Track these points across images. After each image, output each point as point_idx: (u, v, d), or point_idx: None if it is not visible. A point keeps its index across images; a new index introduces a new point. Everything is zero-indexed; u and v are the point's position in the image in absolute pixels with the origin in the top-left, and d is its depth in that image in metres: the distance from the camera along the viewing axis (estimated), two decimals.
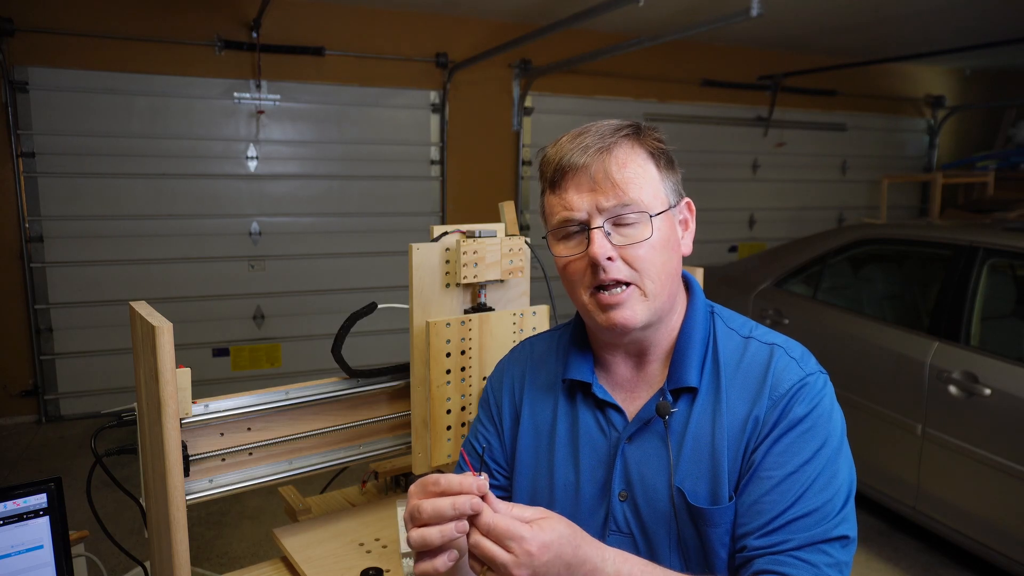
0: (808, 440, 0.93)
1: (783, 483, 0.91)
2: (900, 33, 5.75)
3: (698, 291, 1.07)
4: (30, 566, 1.26)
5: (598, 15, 3.71)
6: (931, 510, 3.00)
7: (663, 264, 0.96)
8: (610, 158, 0.96)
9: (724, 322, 1.05)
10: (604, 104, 5.93)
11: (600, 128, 0.99)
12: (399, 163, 5.39)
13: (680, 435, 0.97)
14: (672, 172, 1.01)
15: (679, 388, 0.99)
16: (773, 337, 1.02)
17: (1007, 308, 3.17)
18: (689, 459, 0.96)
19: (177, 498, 1.26)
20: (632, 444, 1.00)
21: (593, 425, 1.04)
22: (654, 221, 0.95)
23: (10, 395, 4.62)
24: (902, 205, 7.65)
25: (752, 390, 0.96)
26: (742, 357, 1.00)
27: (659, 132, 1.02)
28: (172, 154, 4.76)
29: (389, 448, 1.66)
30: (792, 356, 0.99)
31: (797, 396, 0.94)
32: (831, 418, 0.96)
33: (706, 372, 1.00)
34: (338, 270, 5.29)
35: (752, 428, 0.94)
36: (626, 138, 0.97)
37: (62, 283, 4.62)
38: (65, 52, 4.42)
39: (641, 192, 0.95)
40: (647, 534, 0.98)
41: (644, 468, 0.98)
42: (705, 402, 0.98)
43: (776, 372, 0.96)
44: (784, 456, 0.92)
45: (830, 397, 0.97)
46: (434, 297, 1.54)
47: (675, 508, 0.95)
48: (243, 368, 5.11)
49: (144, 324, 1.25)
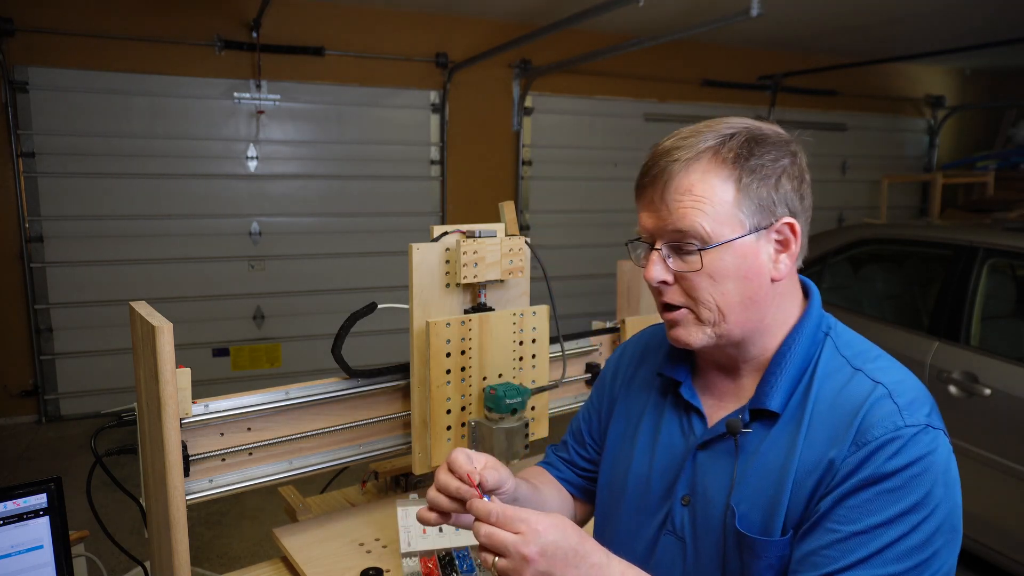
0: (893, 500, 0.81)
1: (849, 540, 0.81)
2: (900, 33, 5.75)
3: (813, 308, 0.98)
4: (30, 566, 1.25)
5: (598, 15, 3.71)
6: None
7: (724, 294, 0.91)
8: (674, 180, 0.90)
9: (838, 348, 0.95)
10: (604, 104, 5.93)
11: (688, 138, 0.92)
12: (399, 163, 5.40)
13: (751, 456, 0.92)
14: (765, 190, 0.90)
15: (759, 409, 0.93)
16: (887, 375, 0.89)
17: (1007, 308, 3.17)
18: (752, 483, 0.91)
19: (177, 498, 1.25)
20: (705, 452, 0.97)
21: (676, 425, 1.03)
22: (706, 254, 0.89)
23: (10, 395, 4.62)
24: (902, 205, 7.65)
25: (837, 429, 0.86)
26: (841, 390, 0.89)
27: (765, 145, 0.91)
28: (172, 154, 4.76)
29: (389, 448, 1.66)
30: (896, 401, 0.86)
31: (888, 447, 0.82)
32: (934, 483, 0.81)
33: (795, 398, 0.92)
34: (338, 270, 5.29)
35: (825, 471, 0.85)
36: (705, 155, 0.90)
37: (62, 283, 4.62)
38: (65, 52, 4.43)
39: (701, 220, 0.89)
40: (697, 544, 0.96)
41: (709, 479, 0.95)
42: (784, 430, 0.91)
43: (869, 415, 0.85)
44: (857, 512, 0.82)
45: (941, 460, 0.83)
46: (434, 297, 1.54)
47: (725, 528, 0.91)
48: (243, 368, 5.11)
49: (144, 324, 1.25)
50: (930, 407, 0.88)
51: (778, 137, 0.94)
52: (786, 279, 0.95)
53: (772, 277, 0.92)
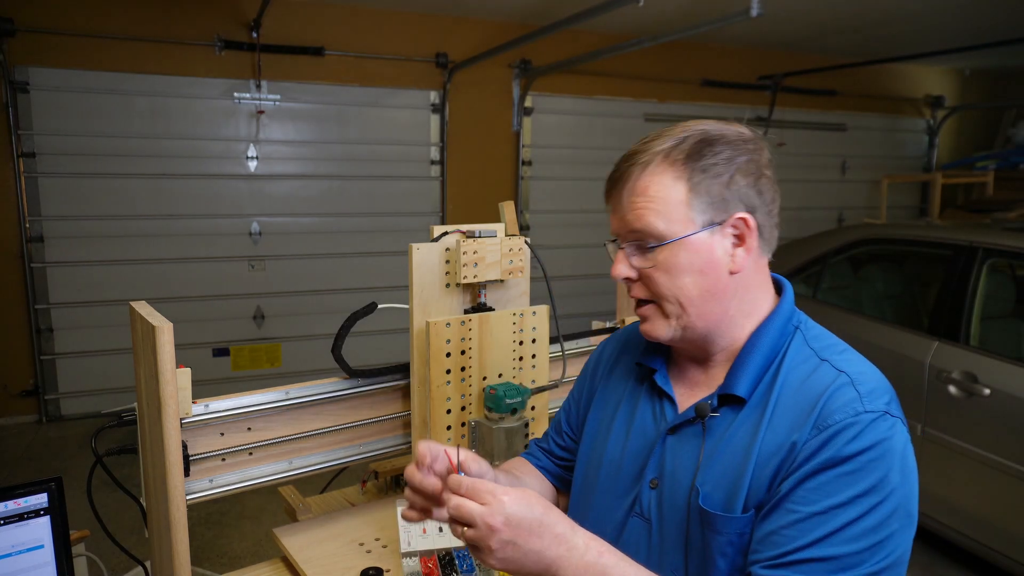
0: (850, 483, 0.84)
1: (807, 521, 0.84)
2: (900, 33, 5.75)
3: (785, 301, 1.02)
4: (30, 566, 1.26)
5: (598, 15, 3.71)
6: (931, 510, 3.00)
7: (683, 288, 0.95)
8: (631, 183, 0.97)
9: (807, 340, 0.98)
10: (604, 104, 5.93)
11: (649, 142, 0.98)
12: (399, 163, 5.40)
13: (717, 439, 0.96)
14: (717, 188, 0.94)
15: (728, 395, 0.97)
16: (852, 366, 0.93)
17: (1007, 308, 3.18)
18: (717, 464, 0.94)
19: (177, 498, 1.26)
20: (674, 437, 1.01)
21: (649, 412, 1.07)
22: (661, 251, 0.95)
23: (10, 395, 4.62)
24: (902, 205, 7.65)
25: (800, 414, 0.90)
26: (807, 378, 0.93)
27: (718, 145, 0.95)
28: (172, 154, 4.76)
29: (389, 448, 1.66)
30: (857, 389, 0.89)
31: (847, 432, 0.85)
32: (890, 468, 0.85)
33: (761, 386, 0.96)
34: (338, 270, 5.29)
35: (787, 454, 0.88)
36: (658, 157, 0.96)
37: (62, 283, 4.63)
38: (65, 52, 4.43)
39: (654, 219, 0.95)
40: (663, 524, 0.99)
41: (677, 462, 0.99)
42: (750, 414, 0.95)
43: (830, 401, 0.89)
44: (816, 493, 0.85)
45: (898, 446, 0.86)
46: (434, 297, 1.55)
47: (689, 506, 0.95)
48: (243, 368, 5.11)
49: (144, 324, 1.25)
50: (890, 397, 0.91)
51: (737, 136, 0.98)
52: (752, 273, 0.99)
53: (730, 270, 0.97)
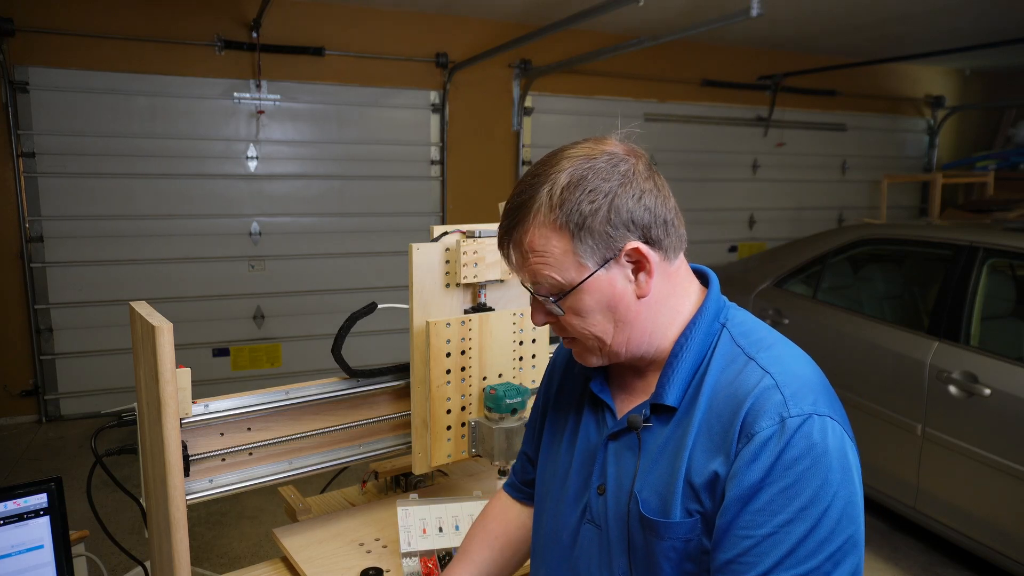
0: (792, 496, 0.82)
1: (761, 544, 0.83)
2: (900, 33, 5.75)
3: (710, 300, 1.00)
4: (30, 566, 1.26)
5: (598, 15, 3.71)
6: (931, 510, 3.00)
7: (595, 325, 0.96)
8: (517, 243, 0.96)
9: (733, 337, 0.96)
10: (604, 104, 5.93)
11: (523, 193, 0.95)
12: (399, 163, 5.40)
13: (651, 448, 0.97)
14: (597, 227, 0.91)
15: (659, 404, 0.97)
16: (777, 364, 0.91)
17: (1007, 308, 3.17)
18: (653, 472, 0.95)
19: (177, 498, 1.26)
20: (616, 443, 1.03)
21: (592, 419, 1.09)
22: (564, 300, 0.96)
23: (10, 395, 4.62)
24: (902, 205, 7.65)
25: (727, 419, 0.89)
26: (733, 381, 0.91)
27: (584, 182, 0.91)
28: (172, 154, 4.76)
29: (389, 448, 1.66)
30: (783, 392, 0.87)
31: (775, 441, 0.84)
32: (828, 469, 0.83)
33: (690, 391, 0.95)
34: (338, 270, 5.29)
35: (722, 460, 0.88)
36: (537, 213, 0.93)
37: (62, 283, 4.62)
38: (65, 52, 4.43)
39: (549, 272, 0.94)
40: (610, 529, 1.01)
41: (619, 468, 1.01)
42: (681, 421, 0.94)
43: (755, 405, 0.87)
44: (762, 515, 0.83)
45: (833, 446, 0.84)
46: (434, 297, 1.55)
47: (630, 513, 0.96)
48: (243, 368, 5.11)
49: (144, 324, 1.25)
50: (815, 395, 0.88)
51: (606, 162, 0.93)
52: (662, 285, 0.97)
53: (637, 295, 0.96)
